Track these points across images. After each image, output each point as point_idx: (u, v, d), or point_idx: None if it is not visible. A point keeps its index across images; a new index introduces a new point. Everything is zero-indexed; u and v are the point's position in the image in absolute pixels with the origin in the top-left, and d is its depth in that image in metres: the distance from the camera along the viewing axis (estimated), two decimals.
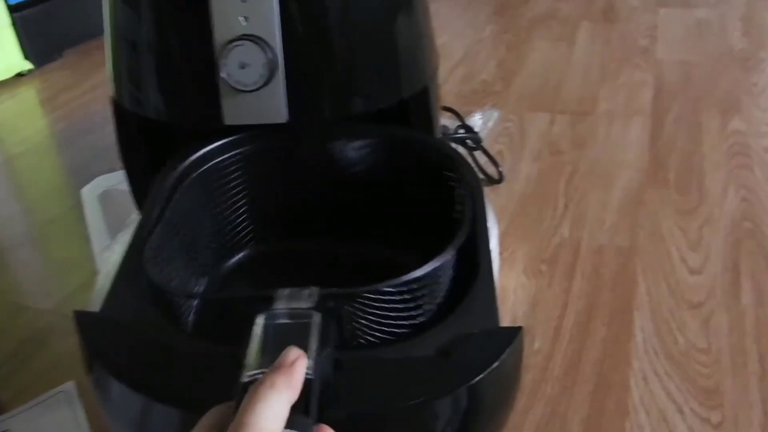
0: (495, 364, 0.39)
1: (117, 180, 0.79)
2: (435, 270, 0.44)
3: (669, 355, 0.62)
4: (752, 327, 0.64)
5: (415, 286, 0.44)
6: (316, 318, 0.36)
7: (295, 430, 0.30)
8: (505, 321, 0.67)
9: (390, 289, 0.42)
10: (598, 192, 0.85)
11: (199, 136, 0.59)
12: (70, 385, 0.63)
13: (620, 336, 0.64)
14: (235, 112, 0.54)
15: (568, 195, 0.85)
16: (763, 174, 0.87)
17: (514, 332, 0.41)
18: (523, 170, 0.91)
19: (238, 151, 0.60)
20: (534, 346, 0.63)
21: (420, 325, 0.45)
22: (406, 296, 0.44)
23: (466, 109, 1.03)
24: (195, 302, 0.48)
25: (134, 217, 0.63)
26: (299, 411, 0.31)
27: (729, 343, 0.62)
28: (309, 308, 0.37)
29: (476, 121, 0.99)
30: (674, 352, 0.62)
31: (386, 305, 0.43)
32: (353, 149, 0.63)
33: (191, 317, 0.47)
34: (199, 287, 0.58)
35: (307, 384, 0.32)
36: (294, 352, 0.33)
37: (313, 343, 0.34)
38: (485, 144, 0.93)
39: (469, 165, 0.59)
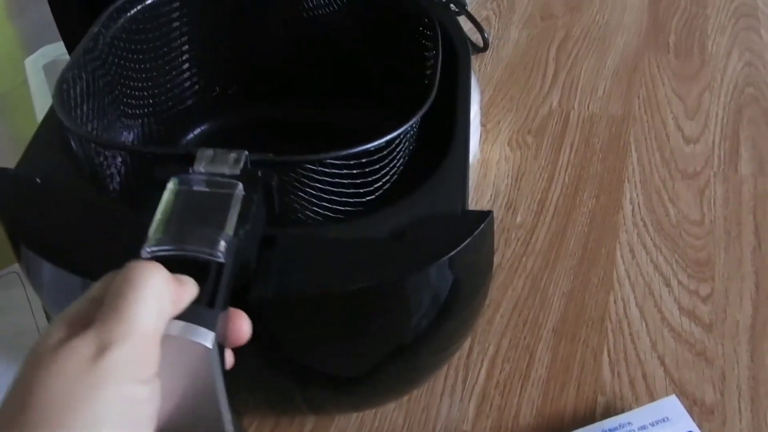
0: (453, 252, 0.34)
1: (65, 49, 0.72)
2: (391, 140, 0.38)
3: (659, 227, 0.58)
4: (750, 197, 0.60)
5: (365, 159, 0.37)
6: (238, 190, 0.31)
7: (189, 321, 0.25)
8: (486, 195, 0.63)
9: (334, 162, 0.36)
10: (591, 58, 0.79)
11: None
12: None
13: (609, 208, 0.60)
14: None
15: (559, 62, 0.78)
16: None
17: (483, 217, 0.35)
18: (512, 36, 0.84)
19: None
20: (516, 220, 0.59)
21: (373, 204, 0.39)
22: (355, 171, 0.38)
23: None
24: (117, 161, 0.42)
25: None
26: (202, 300, 0.26)
27: (724, 214, 0.59)
28: (233, 175, 0.32)
29: None
30: (665, 224, 0.58)
31: (330, 179, 0.37)
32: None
33: (115, 178, 0.42)
34: (128, 136, 0.52)
35: (217, 268, 0.28)
36: (188, 278, 0.28)
37: (231, 219, 0.29)
38: (470, 9, 0.85)
39: (454, 21, 0.52)
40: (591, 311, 0.52)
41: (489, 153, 0.67)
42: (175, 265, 0.26)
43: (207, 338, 0.25)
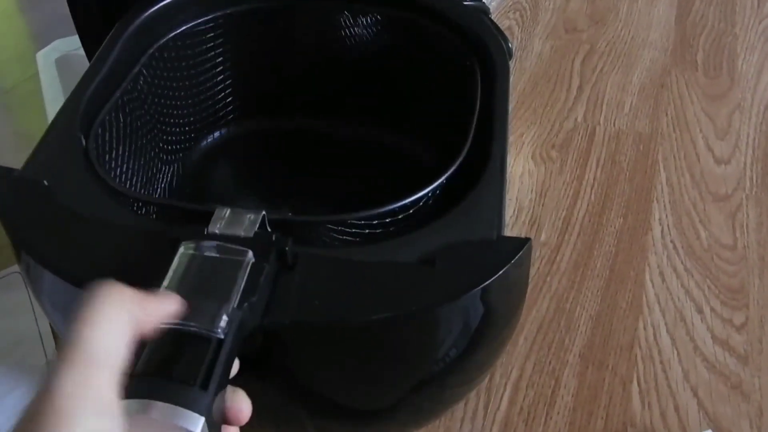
0: (487, 282, 0.31)
1: (78, 44, 0.70)
2: (418, 199, 0.35)
3: (690, 251, 0.56)
4: None
5: (390, 218, 0.35)
6: (248, 257, 0.29)
7: (178, 405, 0.23)
8: (509, 210, 0.61)
9: (357, 222, 0.34)
10: (617, 73, 0.77)
11: None
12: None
13: (637, 229, 0.58)
14: None
15: (584, 76, 0.76)
16: None
17: (520, 244, 0.32)
18: (535, 48, 0.81)
19: (218, 13, 0.51)
20: (540, 238, 0.57)
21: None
22: (378, 230, 0.35)
23: None
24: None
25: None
26: (198, 380, 0.24)
27: (757, 239, 0.56)
28: (245, 239, 0.30)
29: None
30: (696, 248, 0.56)
31: (352, 237, 0.35)
32: (356, 22, 0.54)
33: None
34: (166, 172, 0.51)
35: (216, 345, 0.25)
36: (166, 294, 0.27)
37: (236, 290, 0.27)
38: (493, 18, 0.83)
39: (490, 31, 0.50)
40: (619, 336, 0.49)
41: (512, 167, 0.64)
42: (174, 338, 0.25)
43: (196, 424, 0.23)
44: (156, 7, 0.47)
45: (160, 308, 0.25)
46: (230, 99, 0.55)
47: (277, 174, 0.55)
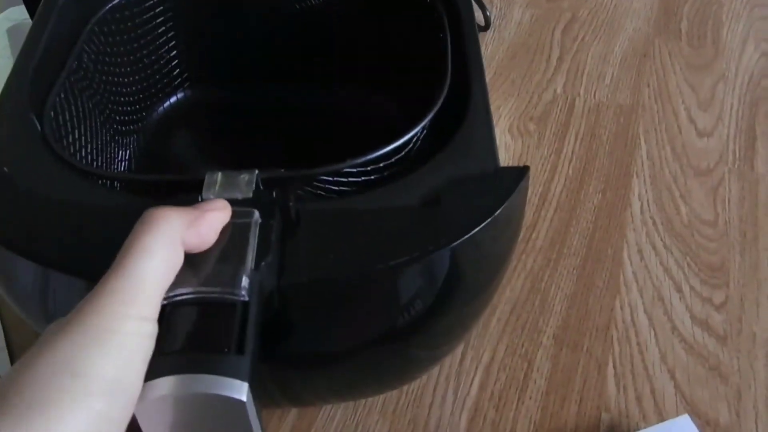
0: (497, 212, 0.31)
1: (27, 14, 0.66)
2: (410, 138, 0.34)
3: (670, 227, 0.54)
4: (766, 196, 0.56)
5: (383, 162, 0.34)
6: (255, 217, 0.28)
7: (219, 374, 0.22)
8: None
9: (352, 170, 0.34)
10: (598, 43, 0.74)
11: None
12: None
13: (615, 204, 0.56)
14: None
15: (565, 45, 0.74)
16: None
17: (520, 173, 0.32)
18: (515, 16, 0.78)
19: None
20: None
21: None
22: (373, 176, 0.35)
23: None
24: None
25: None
26: (231, 346, 0.23)
27: (739, 215, 0.54)
28: (246, 200, 0.28)
29: None
30: (676, 224, 0.54)
31: (347, 187, 0.34)
32: None
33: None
34: (124, 154, 0.49)
35: (242, 308, 0.24)
36: (218, 203, 0.27)
37: (250, 252, 0.26)
38: None
39: None
40: (595, 317, 0.48)
41: None
42: (196, 308, 0.24)
43: (241, 391, 0.22)
44: None
45: (210, 225, 0.26)
46: (182, 68, 0.53)
47: (242, 141, 0.52)
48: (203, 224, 0.26)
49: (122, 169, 0.48)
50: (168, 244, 0.24)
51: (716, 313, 0.48)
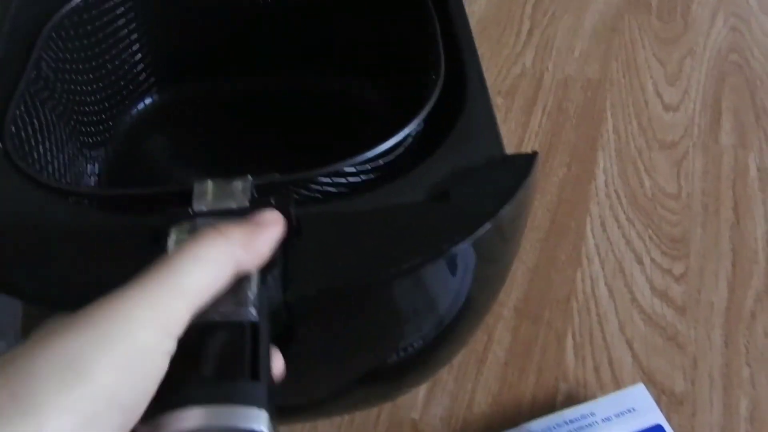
0: (512, 200, 0.29)
1: None
2: (410, 132, 0.32)
3: (633, 200, 0.54)
4: (729, 169, 0.56)
5: (384, 159, 0.32)
6: None
7: (236, 403, 0.20)
8: None
9: (352, 169, 0.31)
10: (569, 17, 0.73)
11: None
12: None
13: (580, 178, 0.56)
14: None
15: (535, 19, 0.73)
16: (757, 1, 0.75)
17: (530, 159, 0.31)
18: None
19: None
20: None
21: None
22: (372, 174, 0.33)
23: None
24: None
25: None
26: (245, 371, 0.21)
27: (702, 188, 0.55)
28: (243, 209, 0.26)
29: None
30: (639, 197, 0.54)
31: (345, 188, 0.32)
32: None
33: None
34: (92, 168, 0.46)
35: (252, 329, 0.22)
36: (272, 213, 0.24)
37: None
38: None
39: None
40: (557, 289, 0.48)
41: None
42: (202, 334, 0.22)
43: (260, 421, 0.20)
44: None
45: (267, 240, 0.24)
46: (149, 71, 0.50)
47: (219, 143, 0.50)
48: (261, 241, 0.23)
49: (92, 184, 0.45)
50: (222, 259, 0.22)
51: (676, 284, 0.48)
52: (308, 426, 0.41)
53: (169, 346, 0.20)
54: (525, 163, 0.31)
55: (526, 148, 0.58)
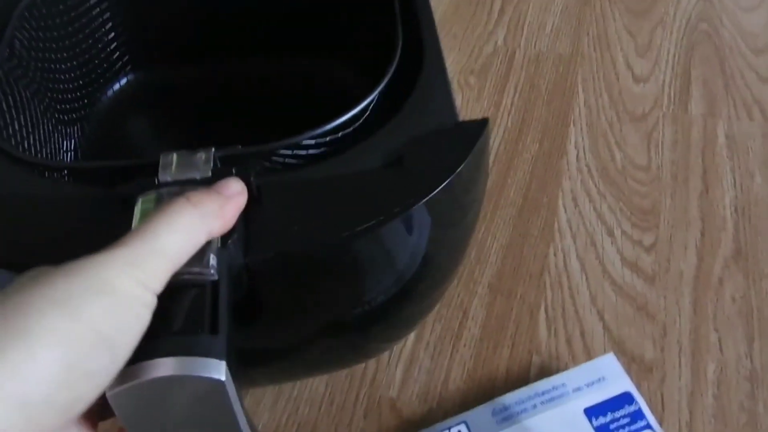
0: (462, 165, 0.30)
1: None
2: (367, 104, 0.34)
3: (604, 173, 0.55)
4: (699, 139, 0.57)
5: (344, 131, 0.34)
6: None
7: (195, 355, 0.22)
8: None
9: (311, 141, 0.33)
10: None
11: None
12: None
13: (552, 154, 0.56)
14: None
15: None
16: None
17: (481, 125, 0.32)
18: None
19: None
20: None
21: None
22: (331, 145, 0.34)
23: None
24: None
25: None
26: (204, 326, 0.23)
27: (671, 158, 0.55)
28: (205, 179, 0.28)
29: None
30: (611, 170, 0.55)
31: (306, 157, 0.33)
32: None
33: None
34: (69, 144, 0.47)
35: (212, 287, 0.24)
36: (237, 184, 0.26)
37: None
38: None
39: None
40: (529, 264, 0.49)
41: None
42: (165, 291, 0.23)
43: (219, 370, 0.22)
44: None
45: (233, 209, 0.26)
46: (122, 50, 0.51)
47: (192, 120, 0.51)
48: (227, 210, 0.25)
49: (68, 159, 0.46)
50: (194, 226, 0.24)
51: (646, 254, 0.49)
52: (289, 408, 0.42)
53: (150, 300, 0.22)
54: (476, 128, 0.32)
55: (499, 127, 0.59)
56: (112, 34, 0.50)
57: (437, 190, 0.30)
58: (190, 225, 0.24)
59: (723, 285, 0.47)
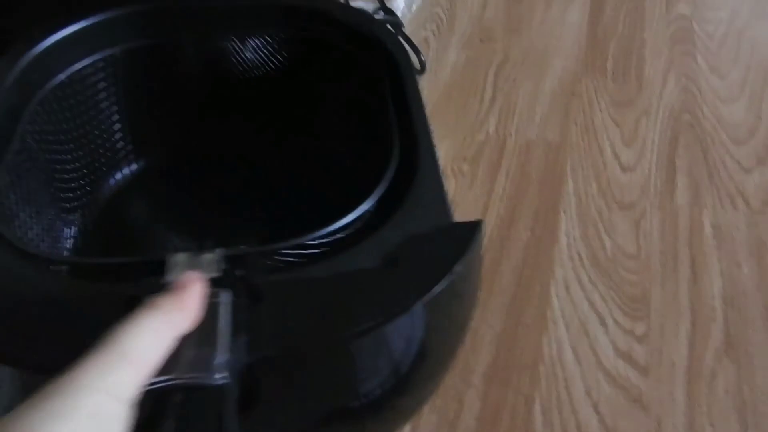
0: (457, 268, 0.32)
1: None
2: (371, 206, 0.36)
3: (595, 261, 0.56)
4: (685, 228, 0.58)
5: (343, 232, 0.35)
6: (223, 296, 0.28)
7: None
8: None
9: (313, 242, 0.34)
10: (529, 82, 0.77)
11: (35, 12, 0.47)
12: None
13: (544, 241, 0.58)
14: None
15: (498, 86, 0.76)
16: (706, 62, 0.79)
17: (474, 226, 0.34)
18: (450, 58, 0.81)
19: (100, 56, 0.48)
20: None
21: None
22: (331, 246, 0.36)
23: None
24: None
25: None
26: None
27: (660, 247, 0.57)
28: (212, 280, 0.28)
29: (398, 3, 0.88)
30: (601, 258, 0.56)
31: (310, 255, 0.35)
32: (242, 40, 0.53)
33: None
34: (69, 232, 0.48)
35: (221, 392, 0.24)
36: (190, 275, 0.27)
37: (223, 333, 0.26)
38: (408, 30, 0.82)
39: (389, 34, 0.50)
40: (523, 354, 0.49)
41: None
42: (179, 395, 0.24)
43: None
44: (31, 54, 0.44)
45: (192, 298, 0.26)
46: (127, 141, 0.53)
47: (192, 208, 0.52)
48: (186, 300, 0.26)
49: (69, 247, 0.47)
50: (156, 326, 0.24)
51: (638, 344, 0.50)
52: None
53: (121, 412, 0.21)
54: (470, 229, 0.34)
55: (491, 214, 0.60)
56: (118, 125, 0.52)
57: (434, 289, 0.31)
58: (153, 325, 0.24)
59: (715, 377, 0.47)
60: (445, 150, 0.67)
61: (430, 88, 0.76)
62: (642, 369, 0.48)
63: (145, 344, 0.23)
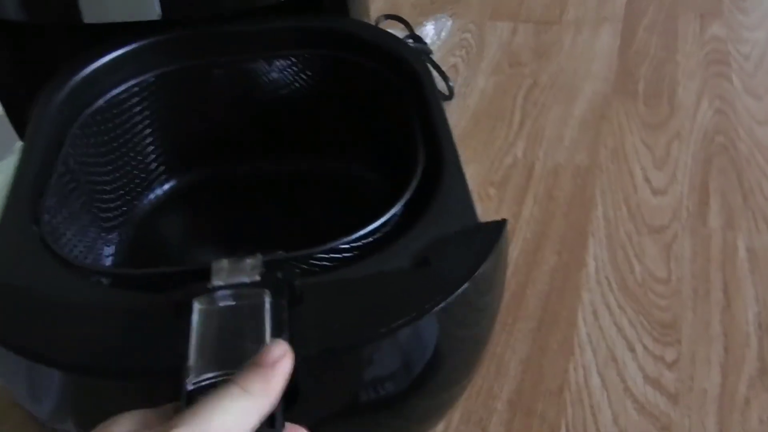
0: (484, 264, 0.33)
1: None
2: (399, 210, 0.38)
3: (623, 286, 0.55)
4: (718, 252, 0.57)
5: (374, 236, 0.37)
6: (266, 297, 0.29)
7: None
8: None
9: (346, 246, 0.36)
10: (558, 106, 0.77)
11: (73, 44, 0.49)
12: None
13: (571, 266, 0.57)
14: (94, 7, 0.44)
15: (526, 110, 0.76)
16: (741, 83, 0.78)
17: (499, 226, 0.35)
18: (479, 84, 0.82)
19: (134, 81, 0.51)
20: None
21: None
22: (363, 248, 0.37)
23: (421, 19, 0.93)
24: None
25: (19, 144, 0.54)
26: (263, 421, 0.24)
27: (691, 271, 0.55)
28: (254, 283, 0.30)
29: (428, 31, 0.89)
30: (630, 283, 0.55)
31: (342, 259, 0.36)
32: (274, 62, 0.54)
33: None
34: (109, 250, 0.50)
35: None
36: (279, 348, 0.26)
37: (267, 330, 0.28)
38: (437, 57, 0.83)
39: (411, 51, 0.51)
40: (549, 380, 0.48)
41: None
42: None
43: None
44: (73, 82, 0.47)
45: (281, 378, 0.26)
46: (161, 160, 0.55)
47: (223, 223, 0.54)
48: (276, 384, 0.25)
49: (109, 264, 0.50)
50: (246, 408, 0.24)
51: (668, 371, 0.48)
52: None
53: None
54: (495, 229, 0.35)
55: (518, 238, 0.60)
56: (152, 147, 0.54)
57: (463, 287, 0.32)
58: (241, 409, 0.24)
59: (749, 405, 0.46)
60: (472, 174, 0.67)
61: (458, 114, 0.76)
62: (672, 396, 0.47)
63: (231, 426, 0.23)
